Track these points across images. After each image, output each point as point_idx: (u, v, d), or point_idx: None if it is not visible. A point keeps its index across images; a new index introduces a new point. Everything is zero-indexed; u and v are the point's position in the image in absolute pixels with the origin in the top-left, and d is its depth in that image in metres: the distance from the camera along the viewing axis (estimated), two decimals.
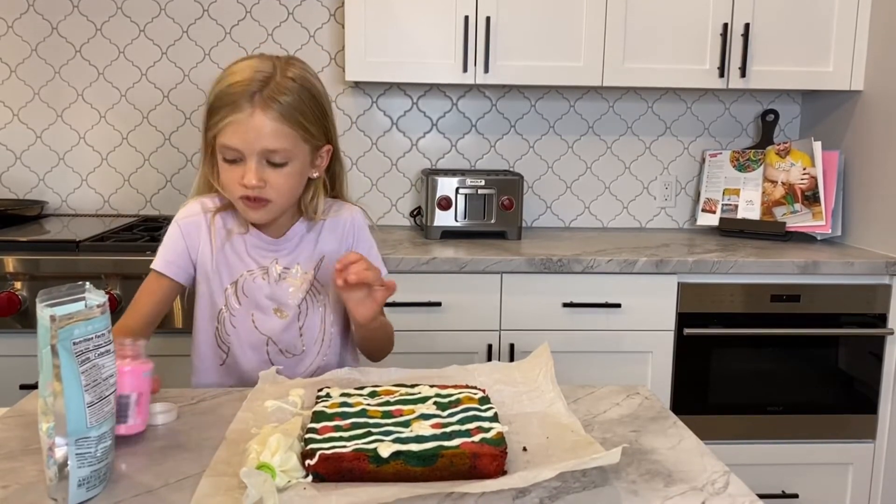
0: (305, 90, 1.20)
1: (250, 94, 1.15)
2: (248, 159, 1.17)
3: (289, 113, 1.17)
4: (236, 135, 1.16)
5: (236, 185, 1.19)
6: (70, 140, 2.51)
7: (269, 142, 1.16)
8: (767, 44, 2.28)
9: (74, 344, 0.80)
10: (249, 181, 1.17)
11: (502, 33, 2.23)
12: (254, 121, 1.15)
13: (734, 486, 0.88)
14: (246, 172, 1.18)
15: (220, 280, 1.28)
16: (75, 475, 0.81)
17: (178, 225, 1.29)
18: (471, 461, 0.85)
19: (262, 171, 1.18)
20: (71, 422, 0.81)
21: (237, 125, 1.16)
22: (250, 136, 1.16)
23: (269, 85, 1.16)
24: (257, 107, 1.15)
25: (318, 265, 1.32)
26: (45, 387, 0.80)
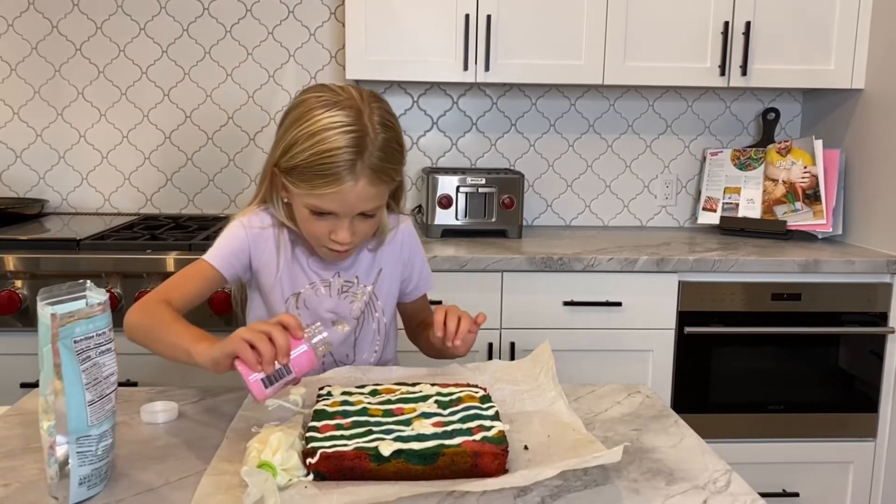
0: (394, 139, 1.17)
1: (350, 164, 1.11)
2: (341, 218, 1.16)
3: (386, 173, 1.16)
4: (335, 202, 1.14)
5: (322, 235, 1.19)
6: (70, 138, 2.51)
7: (367, 205, 1.16)
8: (768, 42, 2.28)
9: (75, 342, 0.80)
10: (344, 239, 1.17)
11: (503, 31, 2.23)
12: (356, 191, 1.13)
13: (735, 484, 0.88)
14: (338, 230, 1.17)
15: (282, 291, 1.28)
16: (76, 473, 0.81)
17: (246, 232, 1.25)
18: (472, 460, 0.85)
19: (353, 226, 1.18)
20: (72, 420, 0.81)
21: (337, 195, 1.13)
22: (350, 203, 1.15)
23: (366, 149, 1.12)
24: (360, 178, 1.12)
25: (376, 278, 1.32)
26: (46, 385, 0.80)
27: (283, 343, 0.93)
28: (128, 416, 1.05)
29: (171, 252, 1.95)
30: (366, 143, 1.12)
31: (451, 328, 1.16)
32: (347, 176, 1.11)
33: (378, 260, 1.33)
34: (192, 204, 2.56)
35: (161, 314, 1.10)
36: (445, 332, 1.16)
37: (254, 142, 2.54)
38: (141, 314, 1.13)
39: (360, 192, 1.13)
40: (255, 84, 2.52)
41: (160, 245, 1.98)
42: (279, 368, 0.94)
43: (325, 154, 1.11)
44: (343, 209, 1.15)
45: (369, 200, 1.16)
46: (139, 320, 1.13)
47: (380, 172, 1.14)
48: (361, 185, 1.13)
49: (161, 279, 1.92)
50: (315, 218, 1.17)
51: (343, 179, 1.11)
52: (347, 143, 1.11)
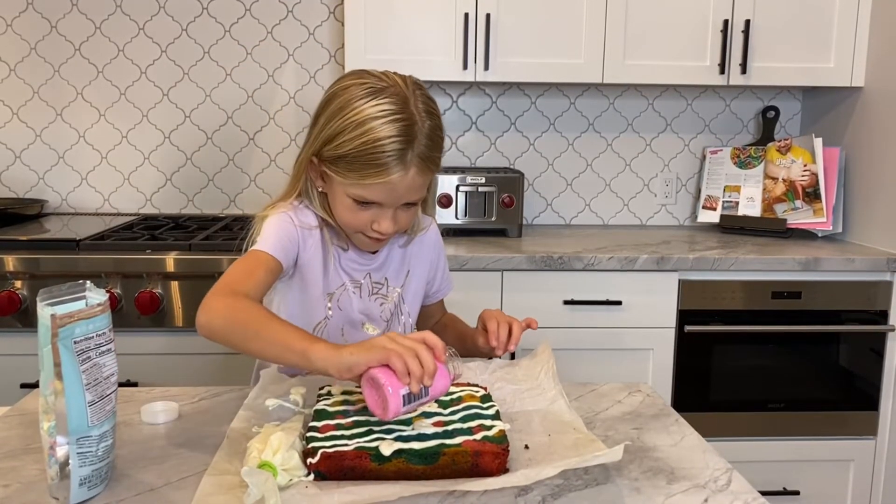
0: (439, 127, 1.15)
1: (400, 154, 1.09)
2: (385, 208, 1.15)
3: (433, 161, 1.14)
4: (382, 193, 1.13)
5: (363, 224, 1.17)
6: (70, 139, 2.50)
7: (414, 195, 1.16)
8: (768, 40, 2.28)
9: (75, 343, 0.80)
10: (387, 229, 1.16)
11: (502, 30, 2.22)
12: (406, 182, 1.12)
13: (736, 483, 0.88)
14: (381, 220, 1.15)
15: (321, 290, 1.25)
16: (76, 474, 0.81)
17: (297, 226, 1.22)
18: (473, 459, 0.85)
19: (396, 215, 1.17)
20: (72, 421, 0.80)
21: (387, 185, 1.11)
22: (399, 194, 1.14)
23: (415, 138, 1.10)
24: (410, 168, 1.11)
25: (405, 280, 1.32)
26: (47, 386, 0.80)
27: (430, 365, 0.89)
28: (128, 417, 1.05)
29: (171, 252, 1.95)
30: (414, 131, 1.10)
31: (503, 337, 1.20)
32: (397, 166, 1.10)
33: (407, 261, 1.32)
34: (192, 204, 2.56)
35: (254, 311, 1.02)
36: (498, 341, 1.19)
37: (253, 141, 2.54)
38: (228, 311, 1.03)
39: (409, 183, 1.12)
40: (255, 84, 2.52)
41: (160, 245, 1.98)
42: (421, 388, 0.90)
43: (374, 143, 1.09)
44: (390, 199, 1.14)
45: (416, 191, 1.15)
46: (227, 317, 1.03)
47: (428, 161, 1.13)
48: (411, 176, 1.11)
49: (161, 279, 1.93)
50: (358, 208, 1.16)
51: (392, 170, 1.10)
52: (397, 133, 1.09)
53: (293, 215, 1.22)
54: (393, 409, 0.88)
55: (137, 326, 1.91)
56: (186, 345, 1.94)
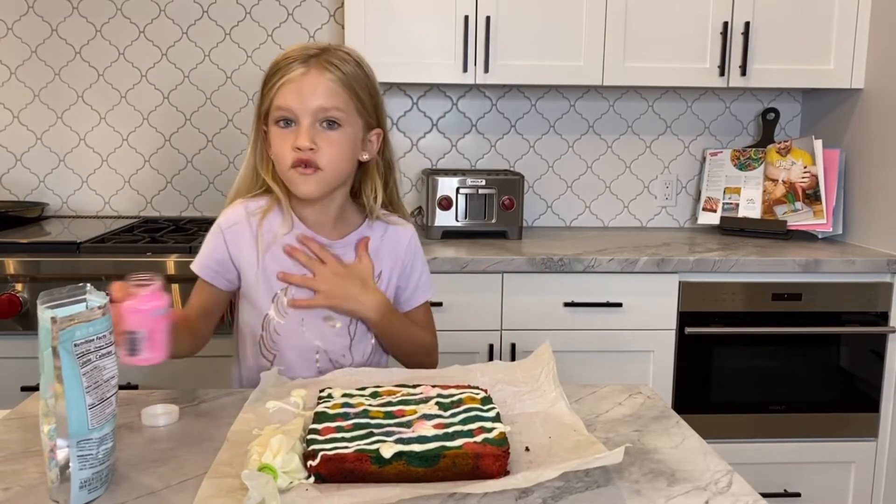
0: (360, 66, 1.23)
1: (305, 56, 1.19)
2: (301, 121, 1.18)
3: (344, 78, 1.20)
4: (291, 94, 1.18)
5: (288, 151, 1.19)
6: (70, 142, 2.51)
7: (323, 100, 1.18)
8: (768, 42, 2.28)
9: (76, 345, 0.80)
10: (303, 143, 1.17)
11: (502, 33, 2.23)
12: (309, 78, 1.18)
13: (737, 485, 0.88)
14: (299, 134, 1.18)
15: (270, 285, 1.26)
16: (77, 477, 0.81)
17: (223, 233, 1.26)
18: (473, 461, 0.85)
19: (314, 134, 1.19)
20: (72, 423, 0.80)
21: (292, 84, 1.18)
22: (305, 94, 1.17)
23: (324, 53, 1.20)
24: (313, 67, 1.18)
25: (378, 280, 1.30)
26: (47, 389, 0.80)
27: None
28: (128, 420, 1.05)
29: (172, 255, 1.95)
30: (325, 51, 1.21)
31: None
32: (300, 65, 1.18)
33: (378, 262, 1.31)
34: (193, 206, 2.56)
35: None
36: None
37: None
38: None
39: (313, 81, 1.18)
40: (255, 86, 2.51)
41: (160, 248, 1.98)
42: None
43: (283, 57, 1.21)
44: (299, 101, 1.17)
45: (325, 96, 1.18)
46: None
47: (336, 73, 1.19)
48: (314, 74, 1.18)
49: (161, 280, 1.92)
50: (280, 132, 1.20)
51: (295, 68, 1.18)
52: (305, 47, 1.21)
53: (223, 222, 1.27)
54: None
55: None
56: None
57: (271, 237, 1.26)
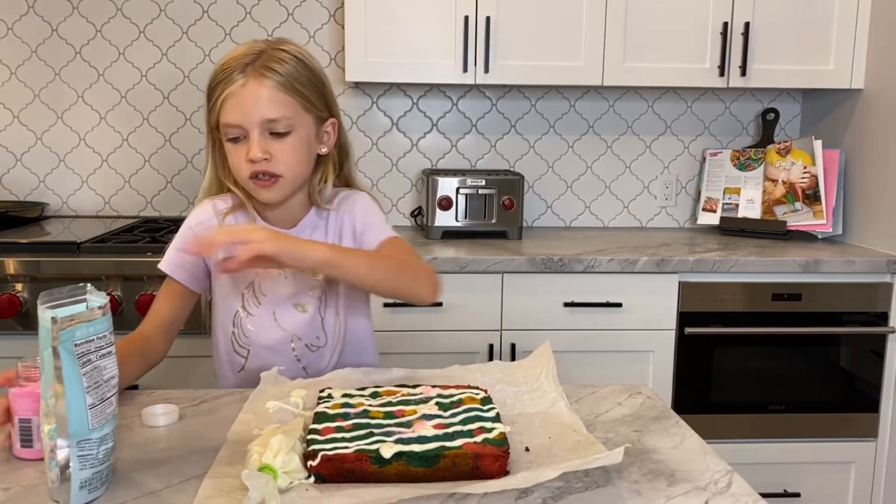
0: (300, 61, 1.20)
1: (242, 66, 1.16)
2: (250, 133, 1.16)
3: (284, 81, 1.17)
4: (234, 109, 1.16)
5: (243, 164, 1.18)
6: (70, 142, 2.51)
7: (267, 110, 1.15)
8: (768, 42, 2.28)
9: (76, 346, 0.80)
10: (255, 154, 1.16)
11: (502, 33, 2.23)
12: (248, 90, 1.15)
13: (737, 485, 0.88)
14: (250, 147, 1.16)
15: (236, 283, 1.27)
16: (77, 477, 0.81)
17: (192, 230, 1.27)
18: (473, 462, 0.85)
19: (266, 144, 1.17)
20: (73, 423, 0.80)
21: (233, 98, 1.15)
22: (248, 108, 1.15)
23: (260, 57, 1.17)
24: (250, 76, 1.15)
25: None
26: (47, 389, 0.80)
27: None
28: (128, 420, 1.05)
29: None
30: (261, 55, 1.17)
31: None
32: (238, 75, 1.15)
33: (329, 237, 1.29)
34: (192, 206, 2.55)
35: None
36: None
37: None
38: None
39: (253, 93, 1.15)
40: None
41: (160, 248, 1.97)
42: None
43: (221, 65, 1.18)
44: (243, 116, 1.15)
45: (269, 106, 1.15)
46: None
47: (276, 77, 1.16)
48: (252, 85, 1.15)
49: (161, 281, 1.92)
50: (232, 147, 1.19)
51: (234, 79, 1.15)
52: (242, 53, 1.18)
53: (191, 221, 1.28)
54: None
55: None
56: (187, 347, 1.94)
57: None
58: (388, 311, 2.02)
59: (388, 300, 2.00)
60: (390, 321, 2.02)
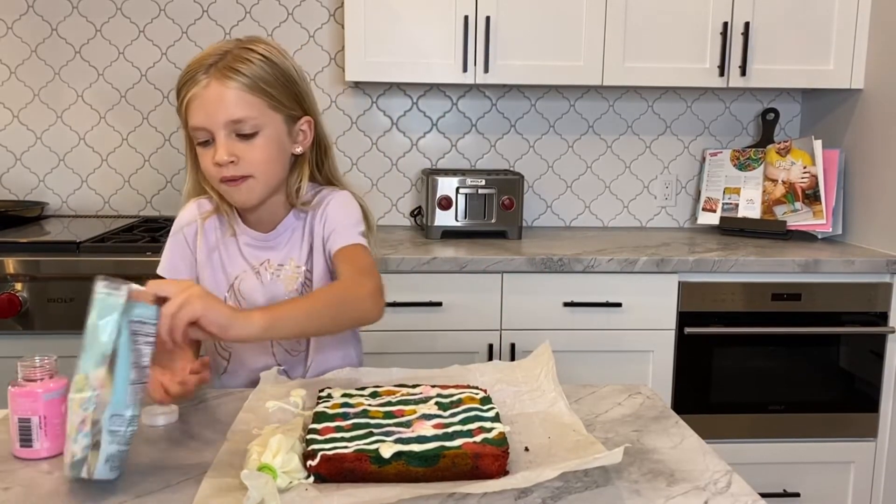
0: (267, 60, 1.17)
1: (206, 66, 1.14)
2: (216, 135, 1.14)
3: (249, 81, 1.14)
4: (198, 111, 1.14)
5: (212, 168, 1.16)
6: (70, 141, 2.51)
7: (231, 111, 1.13)
8: (767, 42, 2.28)
9: (131, 322, 0.85)
10: (220, 157, 1.14)
11: (502, 33, 2.23)
12: (210, 91, 1.13)
13: (736, 485, 0.88)
14: (216, 149, 1.14)
15: (217, 285, 1.26)
16: (105, 450, 0.83)
17: (182, 232, 1.27)
18: (473, 461, 0.85)
19: (232, 146, 1.14)
20: (115, 393, 0.83)
21: (196, 100, 1.14)
22: (211, 109, 1.13)
23: (224, 58, 1.15)
24: (213, 77, 1.13)
25: (309, 257, 1.27)
26: (90, 359, 0.82)
27: None
28: None
29: None
30: (226, 55, 1.15)
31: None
32: (201, 76, 1.14)
33: (307, 237, 1.27)
34: None
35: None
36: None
37: None
38: None
39: (215, 94, 1.13)
40: None
41: (160, 247, 1.97)
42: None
43: (189, 64, 1.16)
44: (207, 117, 1.14)
45: (232, 106, 1.13)
46: None
47: (239, 77, 1.13)
48: (215, 86, 1.13)
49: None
50: (202, 150, 1.17)
51: (197, 80, 1.14)
52: (208, 53, 1.16)
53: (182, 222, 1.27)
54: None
55: None
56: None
57: (217, 237, 1.27)
58: (388, 310, 2.00)
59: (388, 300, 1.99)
60: (389, 321, 2.00)
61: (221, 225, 1.27)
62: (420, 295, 2.02)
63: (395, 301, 2.00)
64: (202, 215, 1.27)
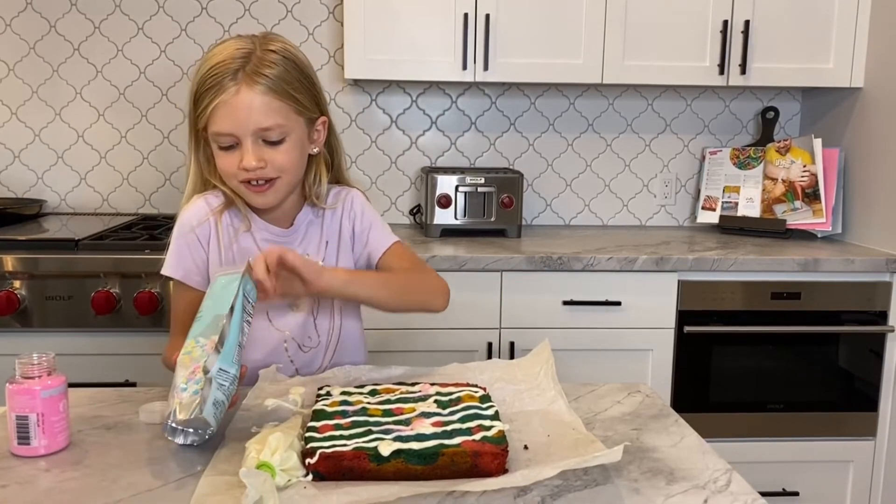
0: (289, 61, 1.16)
1: (233, 72, 1.12)
2: (243, 142, 1.14)
3: (276, 85, 1.14)
4: (226, 118, 1.12)
5: (235, 170, 1.16)
6: (69, 138, 2.50)
7: (261, 119, 1.13)
8: (767, 41, 2.28)
9: (245, 296, 0.97)
10: (249, 163, 1.14)
11: (502, 31, 2.22)
12: (241, 99, 1.12)
13: (736, 483, 0.88)
14: (244, 155, 1.14)
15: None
16: (213, 394, 0.90)
17: (194, 232, 1.23)
18: (472, 459, 0.85)
19: (260, 152, 1.15)
20: (225, 349, 0.92)
21: (224, 107, 1.12)
22: (241, 117, 1.12)
23: (250, 60, 1.13)
24: (242, 84, 1.12)
25: (325, 251, 1.28)
26: (200, 328, 0.95)
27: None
28: (126, 417, 1.05)
29: None
30: (251, 57, 1.14)
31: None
32: (229, 83, 1.12)
33: (324, 232, 1.28)
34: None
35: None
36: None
37: None
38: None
39: (246, 102, 1.12)
40: None
41: (159, 245, 1.97)
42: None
43: (209, 69, 1.14)
44: (236, 125, 1.13)
45: (262, 114, 1.13)
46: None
47: (268, 83, 1.13)
48: (245, 93, 1.12)
49: (160, 279, 1.92)
50: (224, 154, 1.16)
51: (225, 87, 1.12)
52: (231, 55, 1.13)
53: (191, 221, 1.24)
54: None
55: (136, 326, 1.91)
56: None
57: (232, 233, 1.24)
58: None
59: None
60: (389, 319, 2.00)
61: (234, 220, 1.25)
62: None
63: None
64: (213, 212, 1.24)
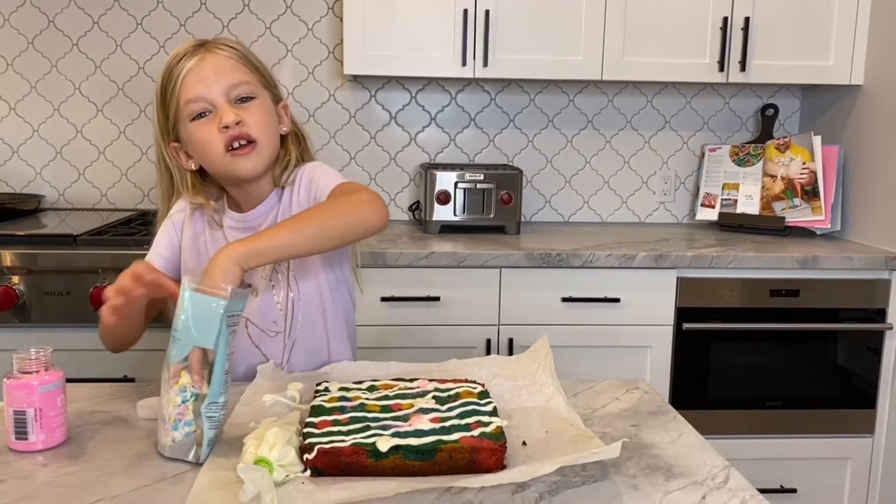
0: (244, 47, 1.25)
1: (193, 48, 1.19)
2: (216, 103, 1.18)
3: (238, 54, 1.21)
4: (196, 82, 1.17)
5: (216, 136, 1.17)
6: (67, 134, 2.50)
7: (229, 77, 1.18)
8: (767, 38, 2.28)
9: (229, 316, 0.90)
10: (228, 118, 1.16)
11: (501, 27, 2.22)
12: (207, 63, 1.18)
13: (734, 480, 0.88)
14: (222, 114, 1.17)
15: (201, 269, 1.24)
16: (206, 436, 0.89)
17: (172, 220, 1.30)
18: (470, 455, 0.85)
19: (235, 110, 1.18)
20: (213, 386, 0.89)
21: (192, 73, 1.17)
22: (210, 78, 1.17)
23: (207, 42, 1.22)
24: (205, 52, 1.19)
25: None
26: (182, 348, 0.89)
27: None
28: (124, 412, 1.04)
29: None
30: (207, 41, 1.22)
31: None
32: (191, 56, 1.19)
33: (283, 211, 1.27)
34: None
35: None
36: None
37: None
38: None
39: (209, 63, 1.18)
40: None
41: None
42: None
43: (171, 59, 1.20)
44: (206, 86, 1.17)
45: (230, 72, 1.19)
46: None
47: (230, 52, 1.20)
48: (210, 57, 1.19)
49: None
50: (200, 125, 1.18)
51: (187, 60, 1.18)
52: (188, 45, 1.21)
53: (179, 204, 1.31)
54: None
55: None
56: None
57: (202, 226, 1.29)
58: (386, 305, 2.02)
59: (386, 294, 2.00)
60: (387, 315, 2.02)
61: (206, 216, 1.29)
62: (418, 289, 2.02)
63: (393, 295, 2.00)
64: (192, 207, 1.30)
